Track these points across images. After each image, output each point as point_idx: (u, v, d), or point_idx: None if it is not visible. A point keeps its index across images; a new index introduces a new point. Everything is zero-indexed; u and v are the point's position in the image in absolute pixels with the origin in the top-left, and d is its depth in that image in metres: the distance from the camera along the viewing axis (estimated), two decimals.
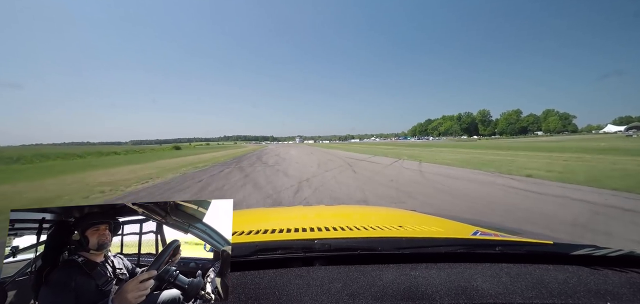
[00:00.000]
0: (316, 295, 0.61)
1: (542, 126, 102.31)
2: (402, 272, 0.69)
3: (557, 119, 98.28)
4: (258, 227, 1.02)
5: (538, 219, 3.76)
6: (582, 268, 0.71)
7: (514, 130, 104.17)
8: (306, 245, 0.77)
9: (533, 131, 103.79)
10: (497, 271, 0.70)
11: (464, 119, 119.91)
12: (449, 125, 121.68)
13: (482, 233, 1.00)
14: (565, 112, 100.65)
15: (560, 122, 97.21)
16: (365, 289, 0.62)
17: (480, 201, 5.01)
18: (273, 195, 6.02)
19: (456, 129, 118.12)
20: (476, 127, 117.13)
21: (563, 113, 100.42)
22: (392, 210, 2.07)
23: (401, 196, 5.61)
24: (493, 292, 0.61)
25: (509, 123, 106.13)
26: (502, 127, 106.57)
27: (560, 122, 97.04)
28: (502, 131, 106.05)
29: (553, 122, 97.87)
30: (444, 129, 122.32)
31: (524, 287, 0.63)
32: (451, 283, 0.65)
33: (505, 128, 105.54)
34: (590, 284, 0.64)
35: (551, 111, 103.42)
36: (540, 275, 0.68)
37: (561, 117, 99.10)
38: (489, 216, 3.97)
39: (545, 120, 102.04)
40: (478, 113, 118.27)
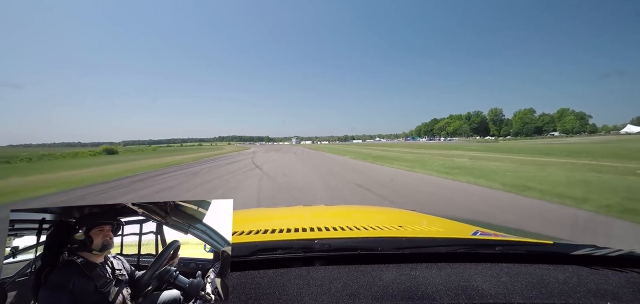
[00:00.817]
0: (316, 295, 0.62)
1: (557, 126, 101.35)
2: (402, 272, 0.71)
3: (574, 118, 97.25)
4: (258, 227, 1.04)
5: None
6: (582, 268, 0.73)
7: (530, 130, 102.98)
8: (306, 245, 0.79)
9: (548, 131, 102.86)
10: (497, 271, 0.72)
11: (474, 118, 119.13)
12: (457, 125, 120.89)
13: (482, 233, 1.03)
14: (581, 111, 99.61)
15: (578, 122, 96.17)
16: (366, 289, 0.64)
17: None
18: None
19: (465, 129, 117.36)
20: (486, 127, 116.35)
21: (579, 112, 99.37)
22: (392, 210, 2.10)
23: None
24: (493, 292, 0.63)
25: (523, 123, 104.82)
26: (517, 128, 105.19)
27: (578, 122, 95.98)
28: (517, 131, 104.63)
29: (570, 122, 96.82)
30: (453, 129, 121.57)
31: (524, 287, 0.65)
32: (451, 282, 0.66)
33: (521, 128, 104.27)
34: (591, 284, 0.66)
35: (566, 110, 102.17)
36: (540, 275, 0.70)
37: (577, 116, 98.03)
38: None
39: (560, 120, 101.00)
40: (489, 112, 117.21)
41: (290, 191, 7.03)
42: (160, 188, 8.61)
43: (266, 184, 8.11)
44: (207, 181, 9.76)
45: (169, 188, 8.52)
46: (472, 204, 5.32)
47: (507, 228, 1.24)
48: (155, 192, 7.92)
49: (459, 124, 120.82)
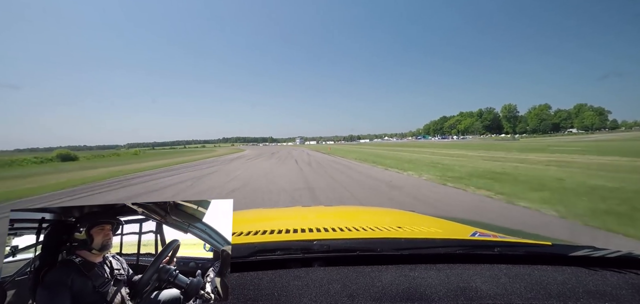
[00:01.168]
0: (315, 296, 0.63)
1: (574, 122, 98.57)
2: (401, 273, 0.72)
3: (593, 114, 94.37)
4: (257, 228, 1.05)
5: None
6: (580, 269, 0.75)
7: (547, 127, 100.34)
8: (305, 246, 0.80)
9: (565, 128, 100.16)
10: (495, 272, 0.73)
11: (486, 115, 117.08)
12: (469, 122, 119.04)
13: (481, 234, 1.04)
14: (599, 106, 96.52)
15: (597, 117, 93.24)
16: (364, 290, 0.65)
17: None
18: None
19: (477, 126, 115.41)
20: (499, 124, 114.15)
21: (598, 108, 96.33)
22: (391, 211, 2.14)
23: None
24: (492, 293, 0.64)
25: (540, 119, 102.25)
26: (533, 125, 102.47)
27: (598, 118, 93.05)
28: (534, 128, 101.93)
29: (588, 118, 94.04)
30: (464, 126, 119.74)
31: (523, 288, 0.66)
32: (450, 283, 0.67)
33: (537, 125, 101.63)
34: (589, 285, 0.67)
35: (583, 105, 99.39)
36: (538, 276, 0.71)
37: (596, 111, 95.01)
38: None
39: (577, 116, 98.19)
40: (502, 108, 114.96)
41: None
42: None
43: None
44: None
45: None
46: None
47: (505, 229, 1.26)
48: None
49: (470, 122, 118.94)
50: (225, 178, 11.06)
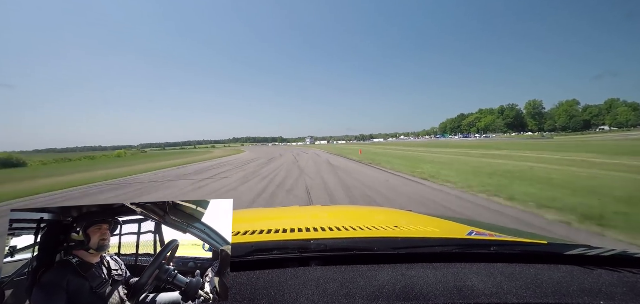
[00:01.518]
0: (312, 296, 0.64)
1: (606, 119, 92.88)
2: (398, 272, 0.74)
3: (628, 110, 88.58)
4: (254, 227, 1.07)
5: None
6: (576, 268, 0.77)
7: (578, 124, 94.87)
8: (302, 245, 0.82)
9: (597, 125, 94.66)
10: (492, 271, 0.75)
11: (508, 112, 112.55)
12: (489, 120, 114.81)
13: (477, 233, 1.06)
14: (634, 102, 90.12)
15: (632, 113, 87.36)
16: (362, 290, 0.66)
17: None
18: None
19: (499, 124, 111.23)
20: (522, 121, 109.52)
21: (632, 103, 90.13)
22: (388, 210, 2.17)
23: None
24: (488, 292, 0.65)
25: (570, 116, 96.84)
26: (563, 122, 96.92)
27: (633, 114, 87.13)
28: (564, 125, 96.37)
29: (623, 114, 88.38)
30: (484, 124, 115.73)
31: (519, 287, 0.67)
32: (447, 282, 0.69)
33: (567, 122, 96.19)
34: (584, 283, 0.69)
35: (615, 100, 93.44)
36: (534, 275, 0.73)
37: (630, 107, 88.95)
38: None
39: (609, 112, 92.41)
40: (526, 105, 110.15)
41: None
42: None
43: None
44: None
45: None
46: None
47: (502, 228, 1.27)
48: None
49: (491, 119, 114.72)
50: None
